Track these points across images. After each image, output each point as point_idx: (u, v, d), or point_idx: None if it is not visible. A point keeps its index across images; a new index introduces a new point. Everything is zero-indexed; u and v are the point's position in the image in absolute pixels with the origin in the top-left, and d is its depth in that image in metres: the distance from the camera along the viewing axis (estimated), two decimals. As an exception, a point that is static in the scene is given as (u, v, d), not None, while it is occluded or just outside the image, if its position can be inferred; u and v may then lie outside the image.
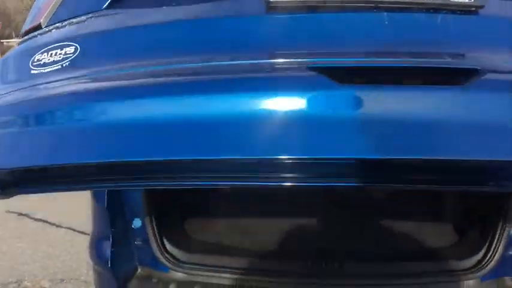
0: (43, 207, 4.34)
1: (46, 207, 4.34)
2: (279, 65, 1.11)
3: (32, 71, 1.25)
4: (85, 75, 1.17)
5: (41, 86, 1.19)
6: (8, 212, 4.37)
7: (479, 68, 0.99)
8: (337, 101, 0.97)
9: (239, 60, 1.09)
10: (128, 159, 1.08)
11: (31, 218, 4.21)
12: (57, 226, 4.01)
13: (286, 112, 0.98)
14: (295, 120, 0.98)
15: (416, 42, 1.12)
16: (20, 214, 4.30)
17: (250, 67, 1.07)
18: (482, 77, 0.98)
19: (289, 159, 1.05)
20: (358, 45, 1.11)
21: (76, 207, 3.98)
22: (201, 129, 1.02)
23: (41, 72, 1.23)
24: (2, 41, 26.32)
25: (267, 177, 1.12)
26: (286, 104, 0.99)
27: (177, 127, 1.03)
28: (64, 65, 1.21)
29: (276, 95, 0.99)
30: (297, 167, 1.09)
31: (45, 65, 1.24)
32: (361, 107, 0.95)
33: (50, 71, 1.22)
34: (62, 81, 1.17)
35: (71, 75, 1.18)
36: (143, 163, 1.10)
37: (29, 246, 3.64)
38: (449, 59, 1.08)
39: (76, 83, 1.15)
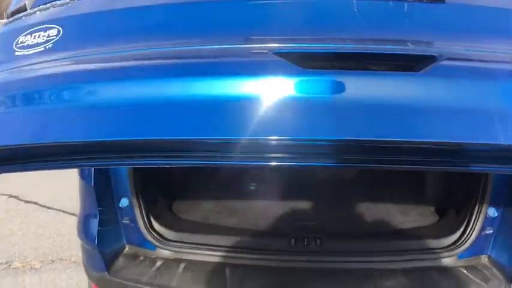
0: (33, 189, 4.34)
1: (36, 189, 4.34)
2: (251, 50, 1.14)
3: (16, 53, 1.26)
4: (67, 58, 1.19)
5: (25, 68, 1.21)
6: (-2, 194, 4.38)
7: (436, 54, 1.03)
8: (299, 84, 1.00)
9: (215, 44, 1.12)
10: (111, 138, 1.10)
11: (21, 200, 4.22)
12: (48, 208, 4.02)
13: (252, 96, 1.01)
14: (259, 103, 1.01)
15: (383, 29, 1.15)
16: (10, 196, 4.30)
17: (222, 52, 1.10)
18: (442, 63, 1.01)
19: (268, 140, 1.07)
20: (324, 31, 1.14)
21: (66, 189, 3.99)
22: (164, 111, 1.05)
23: (25, 54, 1.24)
24: (-9, 22, 25.83)
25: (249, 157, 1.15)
26: (249, 88, 1.02)
27: (154, 108, 1.06)
28: (47, 47, 1.22)
29: (244, 79, 1.03)
30: (280, 147, 1.11)
31: (28, 46, 1.25)
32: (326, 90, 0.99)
33: (34, 52, 1.23)
34: (45, 63, 1.19)
35: (54, 57, 1.20)
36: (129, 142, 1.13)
37: (19, 228, 3.66)
38: (415, 46, 1.10)
39: (58, 65, 1.17)
